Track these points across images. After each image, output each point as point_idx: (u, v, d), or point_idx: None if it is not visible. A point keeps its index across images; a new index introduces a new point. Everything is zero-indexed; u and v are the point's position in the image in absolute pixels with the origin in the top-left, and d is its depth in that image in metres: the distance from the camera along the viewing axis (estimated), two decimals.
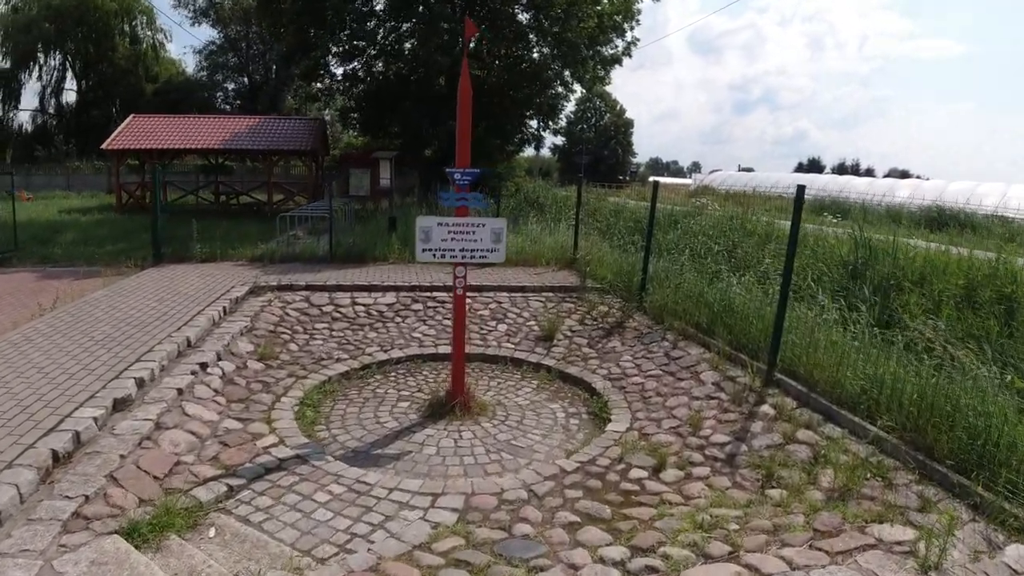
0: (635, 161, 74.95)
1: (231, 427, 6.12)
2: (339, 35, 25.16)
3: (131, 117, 27.03)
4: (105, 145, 25.08)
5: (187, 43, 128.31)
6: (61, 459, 4.93)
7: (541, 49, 26.12)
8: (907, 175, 71.76)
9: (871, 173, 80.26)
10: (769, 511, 4.60)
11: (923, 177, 51.91)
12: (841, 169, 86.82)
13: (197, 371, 6.89)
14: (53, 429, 5.17)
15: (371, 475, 5.31)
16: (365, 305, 10.07)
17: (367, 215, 18.86)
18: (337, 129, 43.69)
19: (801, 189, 6.18)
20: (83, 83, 45.17)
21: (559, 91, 27.80)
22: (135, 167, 28.79)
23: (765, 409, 6.13)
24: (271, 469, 5.38)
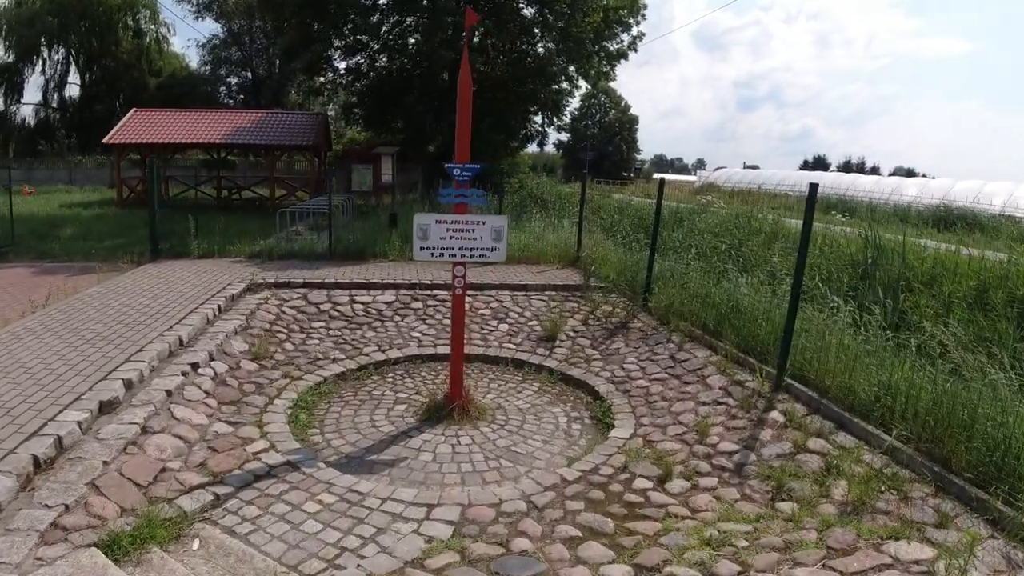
0: (639, 158, 74.57)
1: (221, 431, 5.91)
2: (342, 29, 24.95)
3: (133, 111, 26.84)
4: (106, 139, 24.92)
5: (190, 37, 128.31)
6: (43, 465, 4.74)
7: (546, 44, 25.90)
8: (913, 173, 71.34)
9: (876, 171, 79.67)
10: (780, 526, 4.38)
11: (929, 176, 51.54)
12: (847, 167, 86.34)
13: (188, 372, 6.69)
14: (36, 433, 4.97)
15: (364, 483, 5.10)
16: (363, 303, 9.87)
17: (368, 211, 18.68)
18: (340, 124, 43.50)
19: (814, 188, 5.94)
20: (86, 77, 45.04)
21: (563, 87, 27.56)
22: (137, 161, 28.63)
23: (774, 416, 5.90)
24: (260, 476, 5.18)
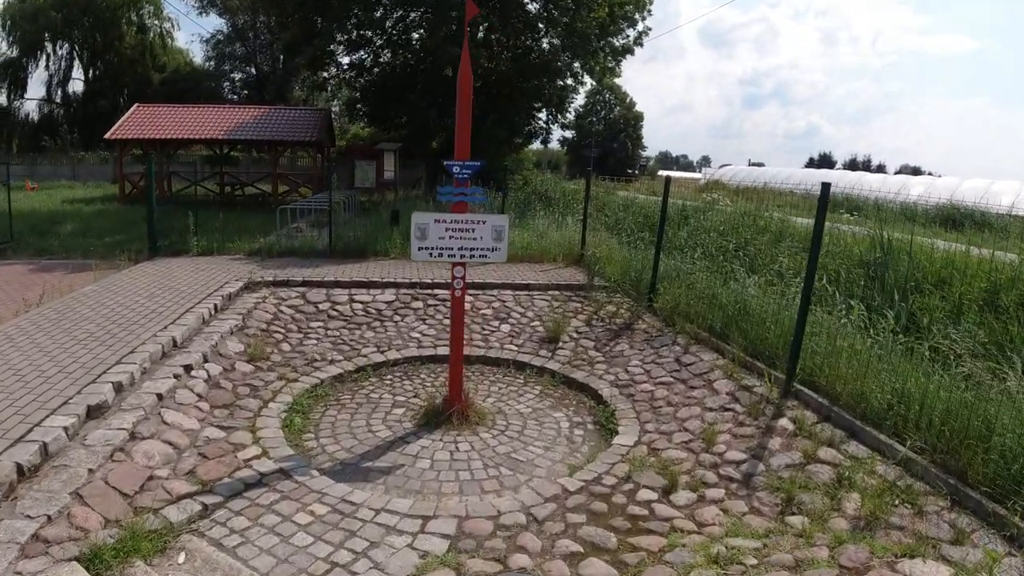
0: (644, 155, 74.21)
1: (212, 436, 5.74)
2: (345, 24, 24.75)
3: (135, 107, 26.70)
4: (108, 135, 24.79)
5: (194, 32, 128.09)
6: (27, 473, 4.58)
7: (551, 40, 25.65)
8: (919, 171, 70.82)
9: (882, 169, 79.08)
10: (790, 542, 4.19)
11: (935, 174, 51.09)
12: (852, 165, 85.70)
13: (181, 374, 6.52)
14: (20, 439, 4.81)
15: (358, 493, 4.91)
16: (363, 303, 9.69)
17: (371, 208, 18.51)
18: (344, 120, 43.30)
19: (826, 188, 5.73)
20: (90, 72, 44.92)
21: (568, 83, 27.33)
22: (140, 157, 28.50)
23: (783, 423, 5.70)
24: (251, 485, 5.00)
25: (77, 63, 45.19)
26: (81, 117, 43.25)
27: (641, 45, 26.42)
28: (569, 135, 59.23)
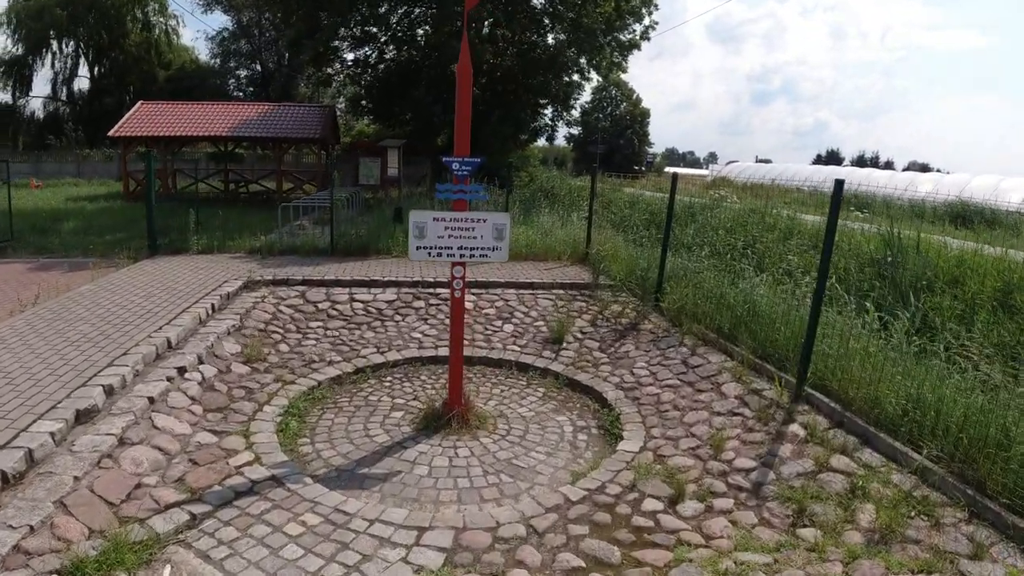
0: (651, 151, 73.67)
1: (204, 441, 5.58)
2: (350, 19, 24.59)
3: (139, 104, 26.60)
4: (112, 132, 24.71)
5: (199, 29, 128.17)
6: (11, 480, 4.44)
7: (557, 35, 25.43)
8: (927, 168, 70.12)
9: (890, 166, 78.38)
10: (802, 557, 4.00)
11: (944, 171, 50.58)
12: (860, 161, 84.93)
13: (174, 376, 6.36)
14: (6, 445, 4.67)
15: (352, 502, 4.74)
16: (363, 302, 9.51)
17: (374, 205, 18.35)
18: (350, 117, 43.14)
19: (840, 184, 5.51)
20: (95, 70, 44.85)
21: (574, 79, 27.09)
22: (144, 155, 28.37)
23: (794, 429, 5.50)
24: (242, 493, 4.83)
25: (83, 61, 45.16)
26: (87, 115, 43.21)
27: (648, 40, 26.19)
28: (575, 132, 58.91)
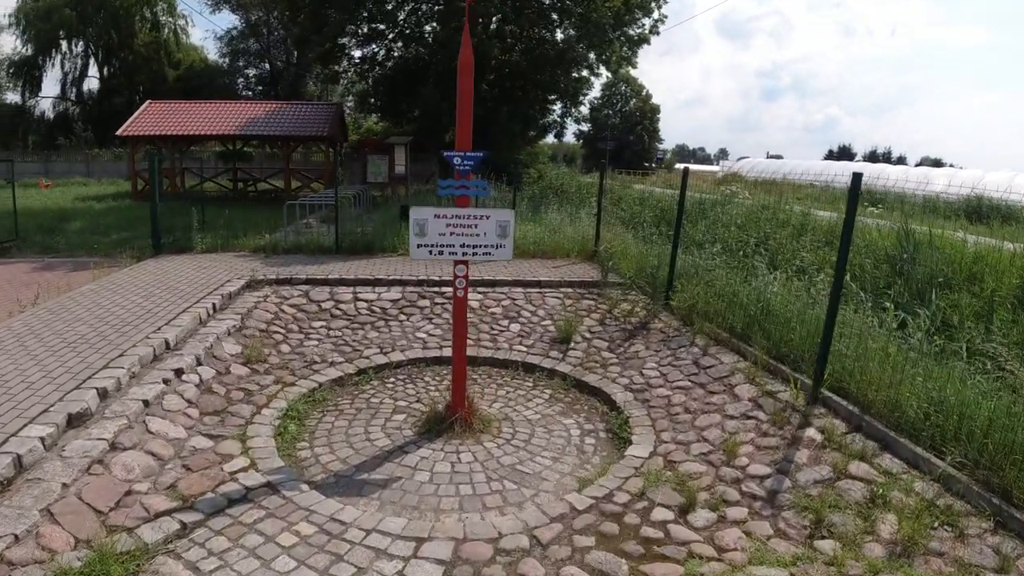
0: (661, 147, 73.19)
1: (199, 446, 5.41)
2: (357, 16, 24.45)
3: (147, 103, 26.61)
4: (120, 131, 24.72)
5: (208, 28, 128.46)
6: None
7: (566, 30, 25.19)
8: (940, 164, 69.29)
9: (903, 161, 77.48)
10: (820, 571, 3.78)
11: (957, 166, 49.92)
12: (873, 157, 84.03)
13: (171, 379, 6.20)
14: None
15: (349, 511, 4.55)
16: (367, 301, 9.34)
17: (382, 203, 18.19)
18: (359, 115, 43.06)
19: (857, 178, 5.27)
20: (105, 70, 44.94)
21: (583, 75, 26.85)
22: (149, 153, 28.36)
23: (811, 434, 5.26)
24: (235, 501, 4.66)
25: (92, 61, 45.27)
26: (96, 115, 43.30)
27: (657, 34, 25.92)
28: (585, 128, 58.64)
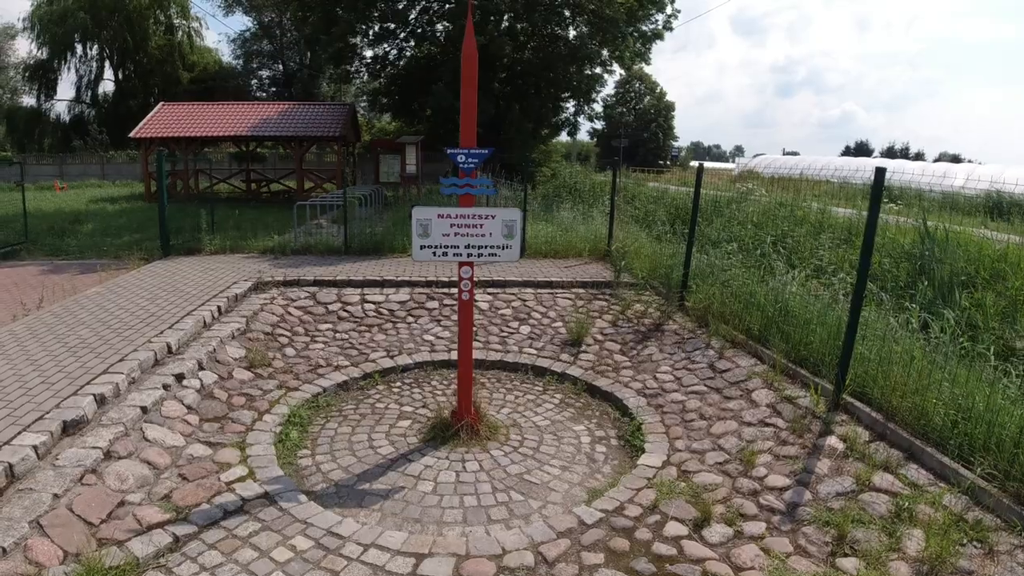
0: (676, 145, 72.60)
1: (197, 454, 5.26)
2: (369, 15, 24.33)
3: (160, 105, 26.65)
4: (133, 133, 24.77)
5: (221, 31, 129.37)
6: None
7: (578, 27, 24.93)
8: (958, 159, 68.30)
9: (921, 157, 76.29)
10: None
11: (976, 161, 49.09)
12: (890, 153, 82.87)
13: (171, 384, 6.06)
14: None
15: (347, 523, 4.37)
16: (375, 303, 9.17)
17: (394, 203, 18.05)
18: (373, 114, 43.00)
19: (881, 173, 5.01)
20: (120, 73, 45.13)
21: (596, 71, 26.56)
22: (167, 156, 28.42)
23: (832, 442, 5.01)
24: (231, 512, 4.49)
25: (107, 64, 45.47)
26: (112, 117, 43.44)
27: (670, 30, 25.60)
28: (599, 126, 58.32)
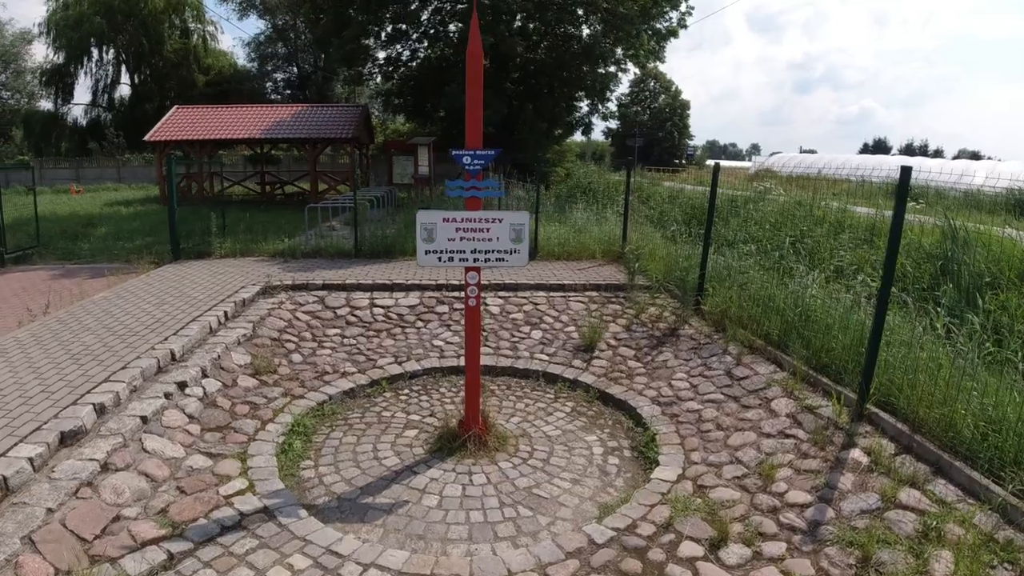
0: (692, 144, 72.03)
1: (196, 466, 5.11)
2: (381, 17, 24.25)
3: (175, 108, 26.78)
4: (148, 136, 24.95)
5: (236, 35, 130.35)
6: None
7: (592, 25, 24.70)
8: (978, 156, 67.10)
9: (940, 154, 75.05)
10: None
11: (996, 158, 48.17)
12: (909, 150, 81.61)
13: (172, 392, 5.93)
14: None
15: (348, 541, 4.20)
16: (384, 307, 9.02)
17: (407, 204, 17.93)
18: (387, 116, 42.99)
19: (907, 171, 4.76)
20: (136, 77, 45.47)
21: (610, 70, 26.30)
22: (180, 158, 28.56)
23: (856, 456, 4.77)
24: (228, 528, 4.34)
25: (123, 68, 45.84)
26: (128, 120, 43.77)
27: (685, 27, 25.30)
28: (613, 125, 57.99)
